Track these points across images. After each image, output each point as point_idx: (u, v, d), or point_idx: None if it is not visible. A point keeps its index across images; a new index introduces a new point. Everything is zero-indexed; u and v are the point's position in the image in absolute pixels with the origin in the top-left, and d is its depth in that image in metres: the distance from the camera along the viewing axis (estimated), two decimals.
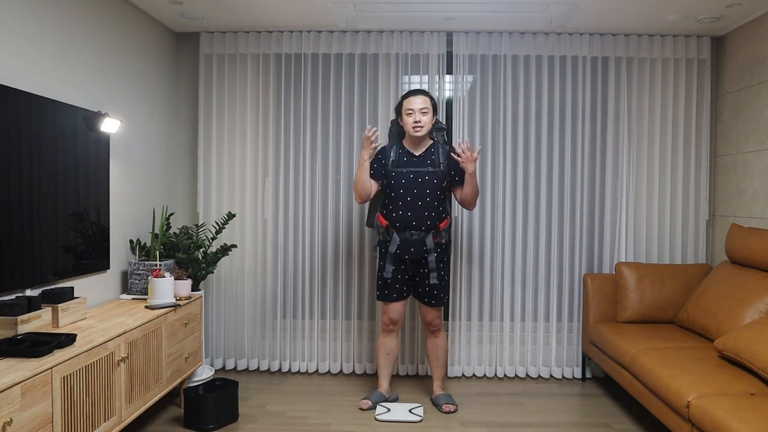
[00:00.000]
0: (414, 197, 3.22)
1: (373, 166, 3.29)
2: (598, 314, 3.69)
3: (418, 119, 3.18)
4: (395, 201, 3.25)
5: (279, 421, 3.15)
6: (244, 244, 3.92)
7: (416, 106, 3.19)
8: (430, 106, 3.22)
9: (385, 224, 3.29)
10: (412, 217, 3.22)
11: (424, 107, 3.19)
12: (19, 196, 2.38)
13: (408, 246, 3.25)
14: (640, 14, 3.47)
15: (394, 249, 3.26)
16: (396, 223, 3.25)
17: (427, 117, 3.20)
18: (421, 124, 3.19)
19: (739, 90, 3.67)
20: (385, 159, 3.29)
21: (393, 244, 3.26)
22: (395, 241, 3.25)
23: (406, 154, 3.29)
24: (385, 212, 3.30)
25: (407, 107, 3.21)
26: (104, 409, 2.31)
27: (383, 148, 3.35)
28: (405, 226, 3.24)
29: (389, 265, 3.27)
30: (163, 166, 3.82)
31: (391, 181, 3.26)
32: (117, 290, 3.23)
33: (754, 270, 3.14)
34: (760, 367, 2.42)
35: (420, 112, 3.18)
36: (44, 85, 2.59)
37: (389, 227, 3.28)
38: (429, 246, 3.24)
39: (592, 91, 3.90)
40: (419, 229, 3.23)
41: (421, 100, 3.20)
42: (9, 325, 2.20)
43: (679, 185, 3.88)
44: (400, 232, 3.25)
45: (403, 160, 3.28)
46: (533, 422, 3.17)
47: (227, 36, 3.88)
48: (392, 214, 3.25)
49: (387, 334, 3.39)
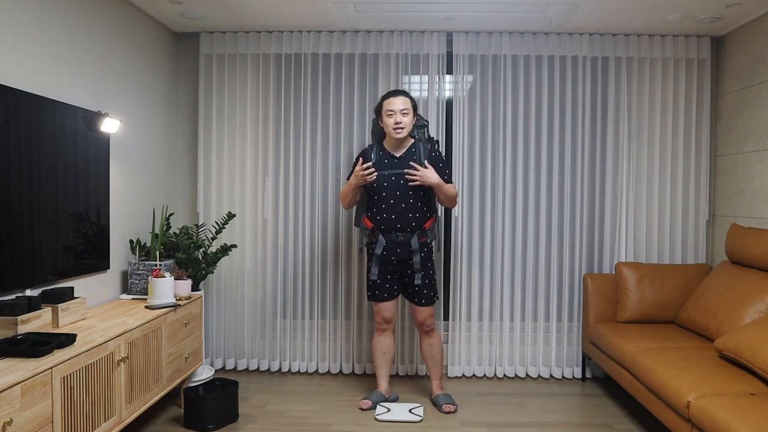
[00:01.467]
0: (397, 199, 3.20)
1: (352, 169, 3.28)
2: (598, 314, 3.69)
3: (398, 120, 3.15)
4: (379, 204, 3.23)
5: (279, 421, 3.15)
6: (244, 244, 3.92)
7: (397, 107, 3.15)
8: (411, 106, 3.19)
9: (371, 226, 3.28)
10: (396, 219, 3.21)
11: (404, 108, 3.16)
12: (20, 196, 2.38)
13: (394, 247, 3.24)
14: (640, 14, 3.47)
15: (380, 251, 3.25)
16: (381, 225, 3.24)
17: (408, 118, 3.17)
18: (402, 126, 3.16)
19: (739, 90, 3.67)
20: (365, 161, 3.25)
21: (379, 246, 3.25)
22: (381, 243, 3.25)
23: (387, 155, 3.26)
24: (369, 214, 3.29)
25: (387, 108, 3.18)
26: (104, 409, 2.31)
27: (364, 150, 3.33)
28: (390, 228, 3.23)
29: (375, 267, 3.28)
30: (163, 166, 3.82)
31: (374, 184, 3.23)
32: (117, 290, 3.23)
33: (754, 270, 3.14)
34: (760, 367, 2.42)
35: (401, 113, 3.15)
36: (44, 85, 2.59)
37: (374, 229, 3.27)
38: (414, 247, 3.24)
39: (592, 91, 3.90)
40: (404, 230, 3.22)
41: (401, 100, 3.17)
42: (9, 325, 2.20)
43: (679, 185, 3.88)
44: (385, 234, 3.25)
45: (384, 162, 3.25)
46: (533, 422, 3.17)
47: (227, 36, 3.88)
48: (376, 216, 3.24)
49: (381, 333, 3.39)
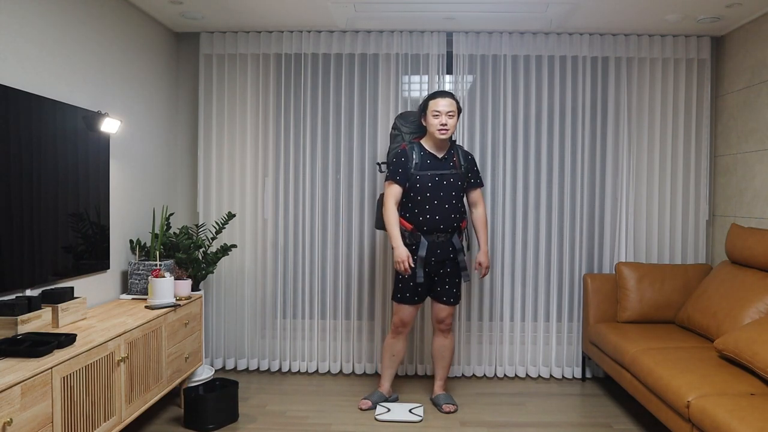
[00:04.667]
0: (440, 200, 3.19)
1: (398, 171, 3.20)
2: (598, 314, 3.69)
3: (444, 122, 3.13)
4: (421, 204, 3.19)
5: (279, 421, 3.15)
6: (244, 244, 3.92)
7: (443, 108, 3.14)
8: (456, 109, 3.18)
9: (410, 228, 3.22)
10: (439, 220, 3.18)
11: (450, 110, 3.15)
12: (19, 196, 2.38)
13: (435, 248, 3.21)
14: (640, 14, 3.47)
15: (424, 252, 3.19)
16: (423, 226, 3.19)
17: (453, 120, 3.16)
18: (447, 127, 3.14)
19: (739, 90, 3.67)
20: (408, 162, 3.21)
21: (422, 247, 3.19)
22: (423, 244, 3.19)
23: (429, 156, 3.23)
24: (409, 215, 3.23)
25: (434, 108, 3.15)
26: (104, 409, 2.31)
27: (403, 150, 3.25)
28: (433, 228, 3.19)
29: (420, 269, 3.19)
30: (163, 166, 3.82)
31: (416, 185, 3.19)
32: (117, 290, 3.23)
33: (754, 270, 3.14)
34: (760, 367, 2.42)
35: (447, 115, 3.14)
36: (44, 85, 2.59)
37: (414, 230, 3.22)
38: (457, 246, 3.24)
39: (592, 91, 3.90)
40: (446, 231, 3.21)
41: (447, 102, 3.15)
42: (9, 325, 2.20)
43: (679, 185, 3.88)
44: (427, 235, 3.21)
45: (427, 163, 3.22)
46: (533, 422, 3.17)
47: (227, 36, 3.88)
48: (418, 217, 3.19)
49: (396, 335, 3.35)
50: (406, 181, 3.22)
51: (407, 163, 3.21)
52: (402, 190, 3.23)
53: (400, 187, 3.22)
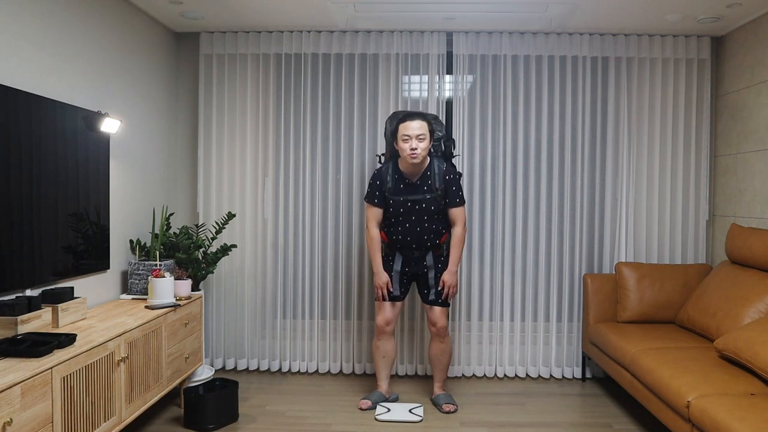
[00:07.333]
0: (412, 223, 3.22)
1: (375, 194, 3.27)
2: (598, 314, 3.69)
3: (414, 146, 3.07)
4: (396, 225, 3.26)
5: (279, 421, 3.15)
6: (244, 244, 3.92)
7: (413, 132, 3.07)
8: (428, 131, 3.10)
9: (387, 241, 3.32)
10: (412, 240, 3.24)
11: (420, 133, 3.07)
12: (19, 196, 2.38)
13: (410, 262, 3.30)
14: (640, 14, 3.47)
15: (399, 267, 3.30)
16: (397, 244, 3.28)
17: (424, 143, 3.09)
18: (418, 152, 3.08)
19: (739, 90, 3.67)
20: (383, 186, 3.25)
21: (397, 261, 3.30)
22: (398, 259, 3.30)
23: (402, 180, 3.23)
24: (386, 231, 3.32)
25: (403, 132, 3.09)
26: (104, 409, 2.31)
27: (380, 171, 3.28)
28: (405, 246, 3.27)
29: (396, 283, 3.30)
30: (163, 166, 3.82)
31: (389, 208, 3.25)
32: (117, 290, 3.23)
33: (754, 270, 3.14)
34: (760, 367, 2.42)
35: (417, 139, 3.07)
36: (44, 85, 2.59)
37: (391, 245, 3.31)
38: (429, 263, 3.28)
39: (592, 91, 3.90)
40: (420, 248, 3.26)
41: (418, 124, 3.07)
42: (9, 325, 2.20)
43: (679, 185, 3.88)
44: (401, 250, 3.29)
45: (400, 188, 3.22)
46: (533, 422, 3.17)
47: (227, 36, 3.88)
48: (392, 236, 3.28)
49: (381, 336, 3.37)
50: (383, 201, 3.27)
51: (382, 186, 3.25)
52: (381, 210, 3.29)
53: (379, 208, 3.28)
